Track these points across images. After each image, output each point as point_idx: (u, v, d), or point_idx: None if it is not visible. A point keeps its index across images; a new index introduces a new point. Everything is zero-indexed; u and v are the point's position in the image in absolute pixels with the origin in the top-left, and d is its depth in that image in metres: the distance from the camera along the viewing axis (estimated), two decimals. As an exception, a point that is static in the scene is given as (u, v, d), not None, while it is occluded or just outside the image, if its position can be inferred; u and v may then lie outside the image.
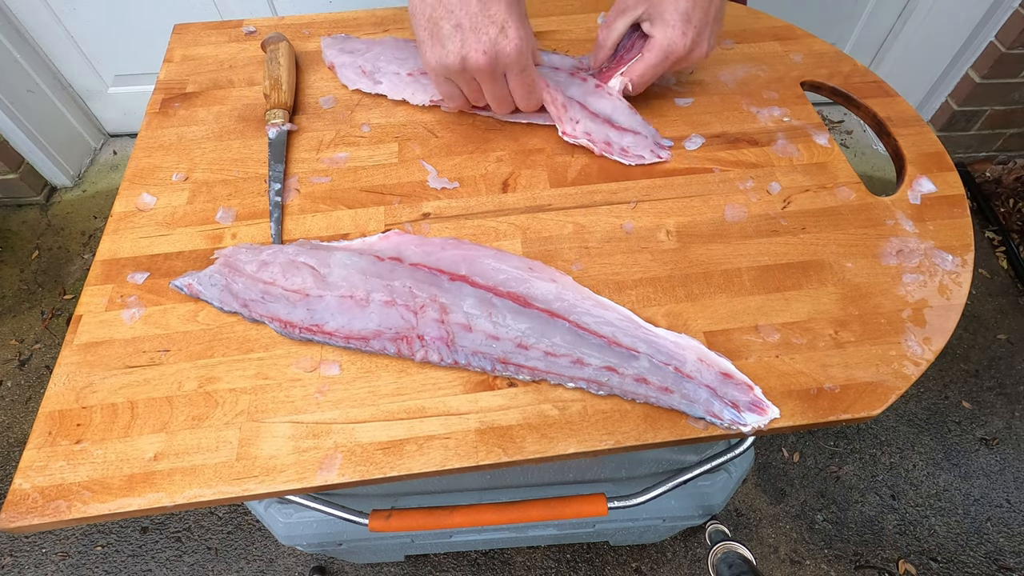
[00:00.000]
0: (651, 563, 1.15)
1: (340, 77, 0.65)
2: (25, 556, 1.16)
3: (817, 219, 0.53)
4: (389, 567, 1.15)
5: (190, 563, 1.15)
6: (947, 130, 1.61)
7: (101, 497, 0.39)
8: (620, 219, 0.53)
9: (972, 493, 1.22)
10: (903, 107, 0.61)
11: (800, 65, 0.66)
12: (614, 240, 0.52)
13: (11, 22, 1.44)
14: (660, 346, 0.44)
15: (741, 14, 0.72)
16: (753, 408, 0.41)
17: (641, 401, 0.42)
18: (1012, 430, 1.30)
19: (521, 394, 0.43)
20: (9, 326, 1.45)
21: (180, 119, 0.62)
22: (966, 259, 0.50)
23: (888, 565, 1.14)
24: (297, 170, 0.58)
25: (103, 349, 0.45)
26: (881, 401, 0.42)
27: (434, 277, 0.47)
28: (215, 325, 0.47)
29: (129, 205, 0.55)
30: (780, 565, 1.15)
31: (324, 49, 0.67)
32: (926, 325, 0.46)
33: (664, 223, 0.53)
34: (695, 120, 0.61)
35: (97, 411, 0.42)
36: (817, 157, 0.57)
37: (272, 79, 0.62)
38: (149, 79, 1.61)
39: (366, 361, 0.45)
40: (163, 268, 0.50)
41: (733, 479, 0.82)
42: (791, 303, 0.47)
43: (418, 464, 0.40)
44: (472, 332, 0.44)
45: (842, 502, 1.21)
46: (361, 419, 0.42)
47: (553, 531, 0.93)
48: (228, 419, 0.42)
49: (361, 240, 0.51)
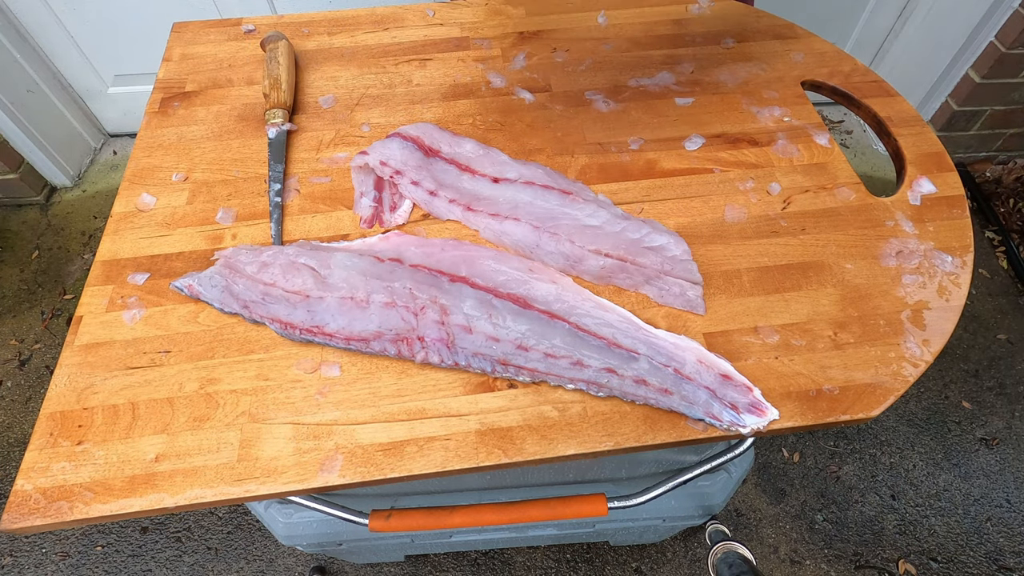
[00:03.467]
0: (651, 563, 1.15)
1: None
2: (25, 556, 1.16)
3: (817, 220, 0.53)
4: (389, 567, 1.15)
5: (190, 563, 1.15)
6: (947, 130, 1.61)
7: (103, 498, 0.39)
8: (620, 220, 0.53)
9: (972, 493, 1.22)
10: (903, 107, 0.61)
11: (801, 64, 0.66)
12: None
13: (11, 22, 1.44)
14: (660, 347, 0.44)
15: (742, 13, 0.72)
16: (752, 410, 0.42)
17: (641, 402, 0.42)
18: (1012, 430, 1.30)
19: (521, 395, 0.43)
20: (9, 326, 1.45)
21: (180, 119, 0.62)
22: (966, 260, 0.50)
23: (888, 565, 1.14)
24: (297, 170, 0.57)
25: (104, 350, 0.45)
26: (880, 402, 0.42)
27: (434, 278, 0.47)
28: (216, 326, 0.47)
29: (129, 205, 0.55)
30: (780, 565, 1.15)
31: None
32: (925, 327, 0.46)
33: (664, 223, 0.53)
34: (695, 120, 0.61)
35: (98, 412, 0.42)
36: (817, 157, 0.57)
37: (272, 78, 0.62)
38: (149, 79, 1.61)
39: (366, 362, 0.45)
40: (163, 269, 0.50)
41: (733, 479, 0.82)
42: (790, 304, 0.47)
43: (418, 465, 0.40)
44: (472, 333, 0.44)
45: (842, 502, 1.21)
46: (362, 420, 0.42)
47: (553, 531, 0.93)
48: (229, 420, 0.42)
49: (361, 241, 0.51)
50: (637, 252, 0.49)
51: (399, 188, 0.55)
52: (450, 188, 0.54)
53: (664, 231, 0.50)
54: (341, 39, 0.70)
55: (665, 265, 0.48)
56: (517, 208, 0.52)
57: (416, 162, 0.55)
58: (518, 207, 0.52)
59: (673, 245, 0.49)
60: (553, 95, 0.64)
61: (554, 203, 0.52)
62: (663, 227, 0.51)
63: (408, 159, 0.55)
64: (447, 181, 0.55)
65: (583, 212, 0.51)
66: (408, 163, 0.55)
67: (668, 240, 0.49)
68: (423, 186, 0.54)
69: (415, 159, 0.55)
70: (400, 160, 0.55)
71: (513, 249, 0.51)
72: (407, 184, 0.54)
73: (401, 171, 0.55)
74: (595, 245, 0.49)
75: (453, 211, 0.53)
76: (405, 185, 0.54)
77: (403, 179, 0.54)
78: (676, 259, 0.49)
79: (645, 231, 0.50)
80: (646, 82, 0.65)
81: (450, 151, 0.57)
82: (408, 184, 0.54)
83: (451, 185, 0.55)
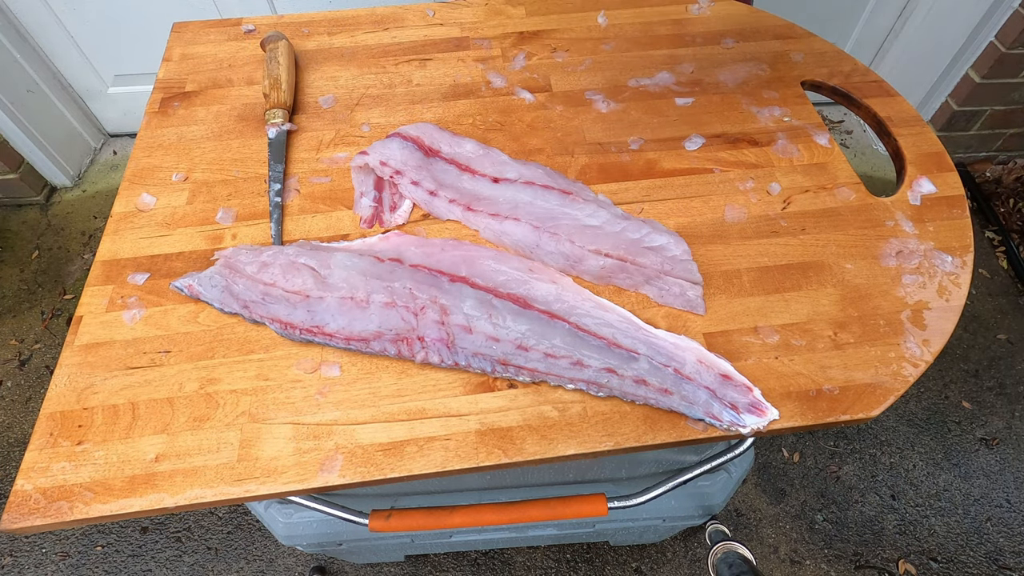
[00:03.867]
0: (651, 563, 1.15)
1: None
2: (25, 556, 1.16)
3: (817, 220, 0.53)
4: (389, 567, 1.15)
5: (190, 563, 1.15)
6: (947, 130, 1.61)
7: (103, 498, 0.39)
8: (620, 220, 0.53)
9: (972, 493, 1.22)
10: (903, 107, 0.61)
11: (801, 64, 0.66)
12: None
13: (11, 22, 1.44)
14: (660, 347, 0.44)
15: (742, 13, 0.72)
16: (752, 410, 0.42)
17: (641, 403, 0.42)
18: (1012, 430, 1.30)
19: (521, 395, 0.43)
20: (9, 326, 1.45)
21: (180, 119, 0.62)
22: (965, 260, 0.50)
23: (888, 565, 1.14)
24: (297, 170, 0.57)
25: (104, 350, 0.45)
26: (879, 402, 0.42)
27: (434, 278, 0.47)
28: (216, 326, 0.47)
29: (129, 205, 0.55)
30: (780, 565, 1.15)
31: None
32: (925, 327, 0.46)
33: (664, 223, 0.53)
34: (695, 120, 0.61)
35: (98, 412, 0.42)
36: (817, 157, 0.57)
37: (271, 78, 0.61)
38: (149, 79, 1.61)
39: (366, 362, 0.45)
40: (163, 269, 0.50)
41: (733, 479, 0.82)
42: (791, 304, 0.47)
43: (418, 465, 0.40)
44: (472, 333, 0.44)
45: (842, 502, 1.21)
46: (362, 420, 0.42)
47: (553, 531, 0.93)
48: (229, 420, 0.42)
49: (361, 241, 0.51)
50: (637, 252, 0.49)
51: (399, 188, 0.55)
52: (450, 188, 0.54)
53: (664, 231, 0.50)
54: (341, 39, 0.70)
55: (665, 265, 0.48)
56: (517, 208, 0.52)
57: (416, 162, 0.55)
58: (518, 207, 0.52)
59: (673, 245, 0.49)
60: (553, 95, 0.64)
61: (554, 203, 0.52)
62: (663, 227, 0.51)
63: (408, 159, 0.55)
64: (447, 181, 0.55)
65: (583, 212, 0.51)
66: (408, 163, 0.55)
67: (668, 240, 0.49)
68: (423, 186, 0.54)
69: (415, 159, 0.55)
70: (400, 160, 0.55)
71: (513, 249, 0.51)
72: (407, 184, 0.54)
73: (401, 171, 0.55)
74: (595, 245, 0.49)
75: (453, 211, 0.53)
76: (405, 185, 0.54)
77: (403, 179, 0.54)
78: (676, 259, 0.49)
79: (645, 231, 0.50)
80: (646, 82, 0.65)
81: (450, 151, 0.57)
82: (408, 184, 0.54)
83: (451, 185, 0.55)
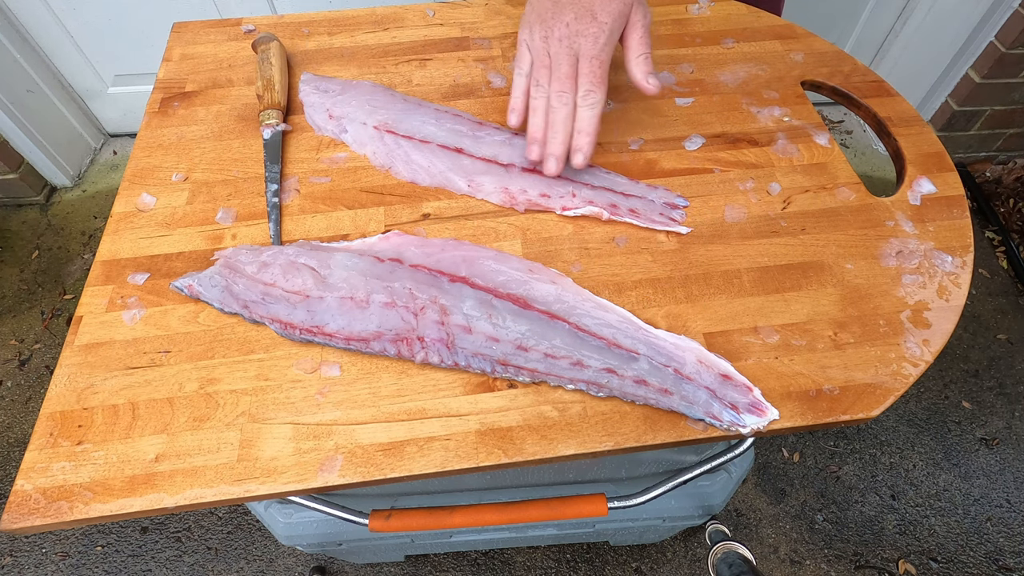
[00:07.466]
0: (651, 563, 1.15)
1: (308, 119, 0.61)
2: (25, 556, 1.16)
3: (817, 220, 0.53)
4: (389, 567, 1.15)
5: (190, 563, 1.15)
6: (947, 130, 1.61)
7: (103, 498, 0.39)
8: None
9: (972, 493, 1.22)
10: (903, 107, 0.61)
11: (800, 64, 0.66)
12: (614, 241, 0.52)
13: (11, 22, 1.44)
14: (660, 348, 0.44)
15: (742, 13, 0.72)
16: (752, 410, 0.42)
17: (641, 403, 0.42)
18: (1012, 430, 1.30)
19: (521, 395, 0.43)
20: (9, 326, 1.46)
21: (179, 119, 0.62)
22: (966, 260, 0.50)
23: (888, 565, 1.14)
24: (297, 170, 0.57)
25: (104, 350, 0.45)
26: (880, 402, 0.42)
27: (434, 278, 0.47)
28: (215, 326, 0.47)
29: (129, 205, 0.55)
30: (780, 565, 1.15)
31: (300, 86, 0.64)
32: (925, 327, 0.46)
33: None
34: (695, 120, 0.61)
35: (98, 412, 0.42)
36: (817, 157, 0.57)
37: (264, 79, 0.62)
38: (149, 79, 1.61)
39: (366, 362, 0.45)
40: (163, 269, 0.50)
41: (733, 479, 0.82)
42: (791, 304, 0.47)
43: (418, 465, 0.40)
44: (472, 334, 0.44)
45: (842, 502, 1.21)
46: (362, 420, 0.42)
47: (553, 531, 0.93)
48: (229, 420, 0.42)
49: (361, 241, 0.51)
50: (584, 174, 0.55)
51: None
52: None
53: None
54: (341, 39, 0.70)
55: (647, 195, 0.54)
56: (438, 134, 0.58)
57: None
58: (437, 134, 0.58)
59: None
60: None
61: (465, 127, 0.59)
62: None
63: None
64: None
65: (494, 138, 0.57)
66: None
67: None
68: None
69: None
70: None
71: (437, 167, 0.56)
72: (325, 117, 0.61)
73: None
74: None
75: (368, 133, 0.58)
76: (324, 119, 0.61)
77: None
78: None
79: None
80: (646, 82, 0.65)
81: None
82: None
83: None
